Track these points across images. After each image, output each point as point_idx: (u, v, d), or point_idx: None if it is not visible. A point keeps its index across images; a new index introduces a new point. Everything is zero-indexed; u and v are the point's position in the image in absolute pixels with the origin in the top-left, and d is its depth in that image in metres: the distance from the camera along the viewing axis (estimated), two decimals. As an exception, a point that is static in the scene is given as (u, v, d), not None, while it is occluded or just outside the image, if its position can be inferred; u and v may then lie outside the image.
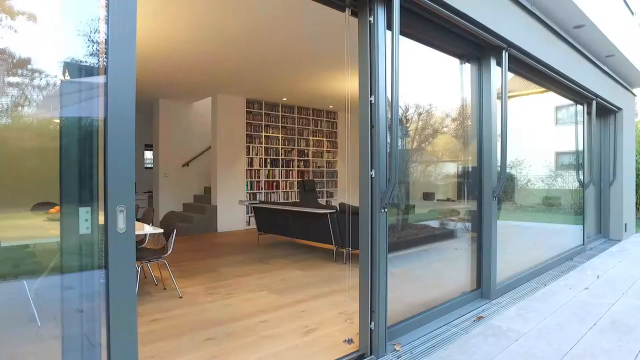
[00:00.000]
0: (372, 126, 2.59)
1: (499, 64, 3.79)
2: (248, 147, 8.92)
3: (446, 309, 3.41)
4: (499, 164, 3.79)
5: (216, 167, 8.43)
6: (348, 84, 6.23)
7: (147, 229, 3.59)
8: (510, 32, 3.63)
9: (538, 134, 6.42)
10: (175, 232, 3.73)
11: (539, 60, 4.16)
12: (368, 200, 2.59)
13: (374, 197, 2.58)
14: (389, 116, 2.62)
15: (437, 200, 10.45)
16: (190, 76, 6.87)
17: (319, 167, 10.41)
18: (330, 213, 5.39)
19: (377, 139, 2.57)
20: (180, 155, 9.21)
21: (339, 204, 5.45)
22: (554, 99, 6.24)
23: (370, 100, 2.59)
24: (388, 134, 2.63)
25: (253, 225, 8.86)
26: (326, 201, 10.51)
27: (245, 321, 3.26)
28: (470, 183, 4.06)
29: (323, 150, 10.49)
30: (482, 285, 3.84)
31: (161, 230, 3.40)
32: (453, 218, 6.86)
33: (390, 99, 2.55)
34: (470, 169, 4.17)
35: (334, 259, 5.58)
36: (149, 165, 10.50)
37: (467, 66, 3.96)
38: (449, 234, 7.24)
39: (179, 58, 5.78)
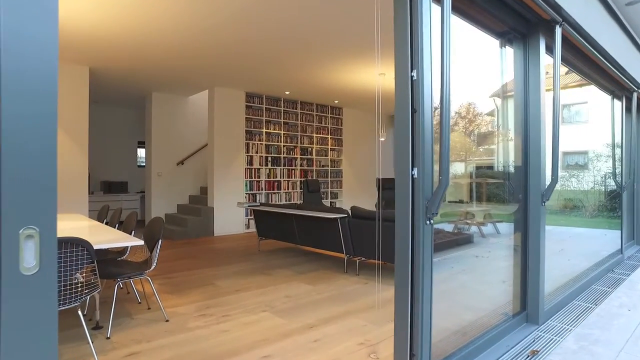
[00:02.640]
0: (413, 110, 1.96)
1: (549, 43, 3.16)
2: (247, 145, 8.28)
3: (491, 340, 2.77)
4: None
5: (213, 165, 7.79)
6: (378, 65, 5.58)
7: (120, 241, 2.95)
8: (568, 1, 3.00)
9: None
10: (160, 243, 3.09)
11: (592, 42, 3.53)
12: (408, 208, 1.96)
13: (416, 203, 1.95)
14: (437, 97, 1.99)
15: (448, 201, 9.77)
16: (184, 67, 6.23)
17: (323, 166, 9.77)
18: (341, 218, 4.76)
19: (421, 126, 1.94)
20: (174, 153, 8.57)
21: (351, 208, 4.82)
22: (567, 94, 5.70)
23: (412, 76, 1.96)
24: (435, 121, 2.00)
25: (253, 229, 8.23)
26: (330, 202, 9.88)
27: (243, 356, 2.63)
28: (510, 184, 3.43)
29: (327, 149, 9.85)
30: (528, 307, 3.21)
31: (139, 242, 2.76)
32: (468, 221, 6.24)
33: (441, 73, 1.92)
34: (506, 169, 3.56)
35: (344, 270, 4.94)
36: (142, 164, 9.86)
37: (508, 50, 3.33)
38: (471, 240, 6.53)
39: (171, 46, 5.15)
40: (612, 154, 5.50)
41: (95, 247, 2.49)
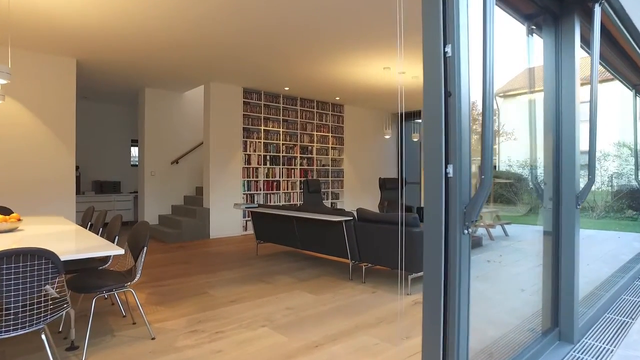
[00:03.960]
0: (448, 94, 1.59)
1: (586, 26, 2.80)
2: (245, 143, 7.90)
3: (524, 363, 2.41)
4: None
5: (209, 164, 7.41)
6: (400, 49, 5.17)
7: (94, 250, 2.57)
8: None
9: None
10: (145, 251, 2.72)
11: (629, 26, 3.18)
12: (440, 214, 1.60)
13: (451, 208, 1.59)
14: (475, 77, 1.63)
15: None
16: (178, 60, 5.85)
17: (323, 165, 9.41)
18: (346, 221, 4.39)
19: (458, 114, 1.57)
20: (168, 152, 8.19)
21: (357, 210, 4.46)
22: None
23: (445, 52, 1.60)
24: (473, 109, 1.64)
25: (250, 231, 7.86)
26: (331, 203, 9.52)
27: (240, 384, 2.26)
28: (538, 185, 3.07)
29: (328, 147, 9.49)
30: (561, 323, 2.85)
31: (118, 251, 2.38)
32: (482, 224, 5.87)
33: (484, 42, 1.55)
34: (527, 169, 3.20)
35: (349, 276, 4.58)
36: (136, 163, 9.48)
37: (536, 37, 2.97)
38: (480, 243, 6.14)
39: (163, 36, 4.77)
40: (635, 153, 5.15)
41: (66, 257, 2.12)
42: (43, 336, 2.01)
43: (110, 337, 2.88)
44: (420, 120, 10.58)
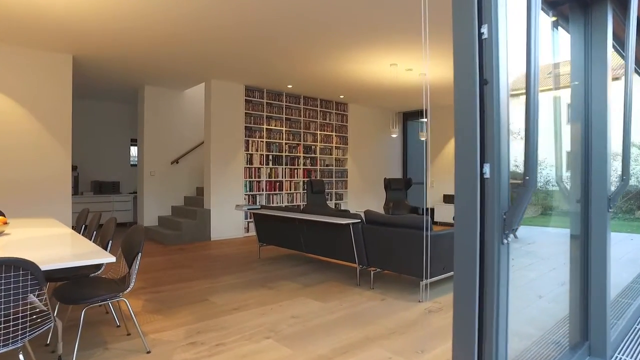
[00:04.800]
0: (484, 82, 1.37)
1: (619, 16, 2.58)
2: (247, 142, 7.69)
3: (556, 383, 2.19)
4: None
5: (210, 164, 7.21)
6: (425, 42, 4.90)
7: (82, 259, 2.35)
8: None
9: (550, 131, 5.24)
10: (139, 257, 2.50)
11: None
12: (475, 220, 1.38)
13: (487, 214, 1.37)
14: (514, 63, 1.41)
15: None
16: (178, 56, 5.64)
17: (327, 165, 9.19)
18: (353, 224, 4.17)
19: (496, 105, 1.35)
20: (168, 151, 7.98)
21: (365, 212, 4.24)
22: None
23: (481, 34, 1.38)
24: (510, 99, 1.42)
25: (252, 232, 7.65)
26: (335, 204, 9.30)
27: (242, 407, 2.04)
28: (564, 186, 2.85)
29: (332, 147, 9.27)
30: (591, 337, 2.63)
31: (107, 259, 2.17)
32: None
33: (528, 18, 1.34)
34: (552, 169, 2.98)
35: (356, 282, 4.36)
36: (136, 163, 9.28)
37: (561, 31, 2.75)
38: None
39: (163, 31, 4.55)
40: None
41: (48, 267, 1.91)
42: (21, 356, 1.80)
43: (102, 350, 2.66)
44: (425, 120, 10.35)
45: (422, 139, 7.33)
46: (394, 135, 6.68)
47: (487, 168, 1.36)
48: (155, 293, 3.99)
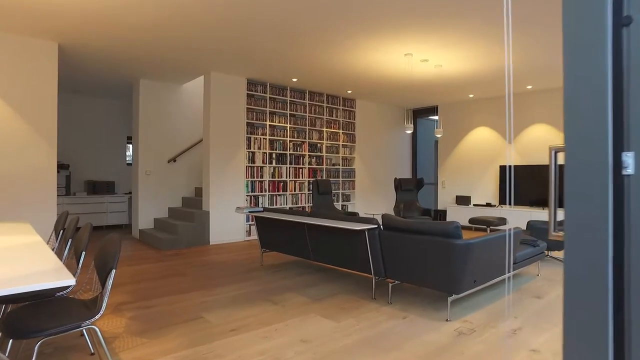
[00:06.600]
0: (624, 21, 0.86)
1: None
2: (249, 139, 7.19)
3: None
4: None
5: (209, 163, 6.71)
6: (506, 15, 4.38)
7: (38, 282, 1.85)
8: None
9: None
10: (113, 274, 2.00)
11: None
12: (606, 234, 0.87)
13: (632, 226, 0.85)
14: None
15: (474, 205, 8.54)
16: (175, 46, 5.14)
17: (333, 164, 8.68)
18: (369, 230, 3.66)
19: (646, 56, 0.84)
20: (165, 149, 7.49)
21: (383, 217, 3.73)
22: None
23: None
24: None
25: (254, 236, 7.16)
26: (342, 206, 8.79)
27: None
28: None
29: (339, 145, 8.76)
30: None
31: (67, 282, 1.66)
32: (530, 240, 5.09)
33: None
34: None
35: (372, 296, 3.85)
36: (132, 162, 8.81)
37: None
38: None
39: (157, 18, 4.06)
40: None
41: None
42: None
43: (69, 388, 2.16)
44: (437, 117, 9.84)
45: (438, 135, 6.81)
46: (408, 132, 6.17)
47: (629, 159, 0.85)
48: (143, 309, 3.49)
